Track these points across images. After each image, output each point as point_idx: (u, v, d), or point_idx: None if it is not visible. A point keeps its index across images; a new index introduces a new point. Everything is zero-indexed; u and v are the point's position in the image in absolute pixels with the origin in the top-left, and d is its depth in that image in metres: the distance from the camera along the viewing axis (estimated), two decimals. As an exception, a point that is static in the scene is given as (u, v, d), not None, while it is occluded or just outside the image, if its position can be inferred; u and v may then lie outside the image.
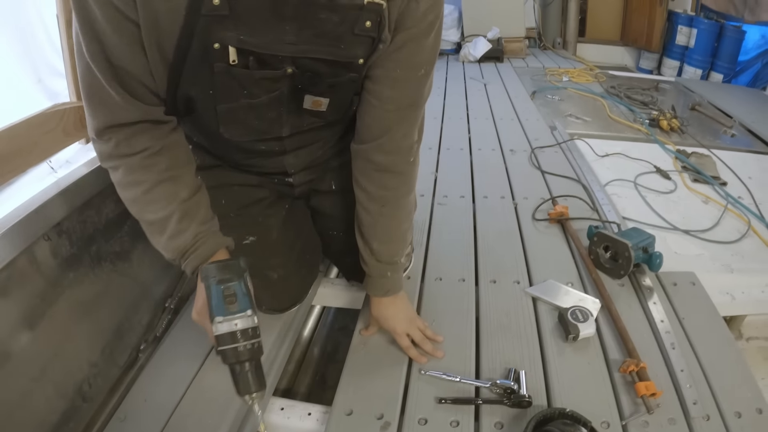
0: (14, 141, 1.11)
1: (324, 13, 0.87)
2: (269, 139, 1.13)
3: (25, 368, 1.06)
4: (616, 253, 1.55)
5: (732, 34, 5.30)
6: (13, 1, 1.15)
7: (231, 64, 0.89)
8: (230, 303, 0.86)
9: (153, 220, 0.98)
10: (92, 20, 0.81)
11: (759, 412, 1.16)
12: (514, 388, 1.14)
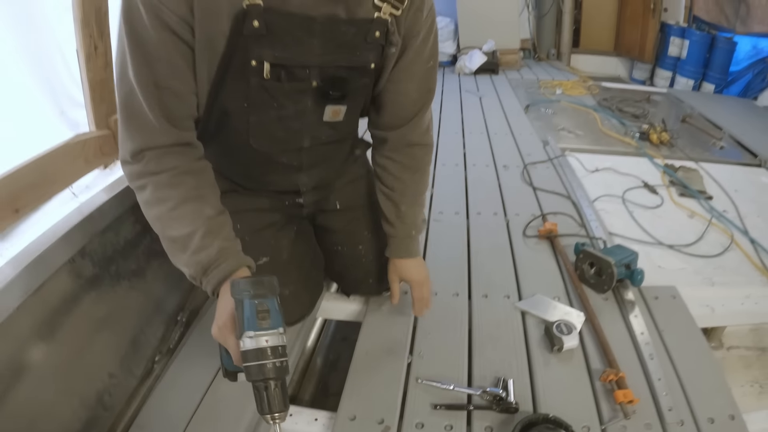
0: (41, 171, 1.22)
1: (345, 26, 1.06)
2: (290, 150, 1.26)
3: (53, 380, 1.16)
4: (600, 269, 1.67)
5: (723, 45, 5.44)
6: (36, 39, 1.25)
7: (265, 78, 1.04)
8: (263, 319, 0.85)
9: (176, 236, 1.01)
10: (145, 45, 0.92)
11: (731, 418, 1.27)
12: (503, 395, 1.25)
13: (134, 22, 0.92)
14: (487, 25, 5.57)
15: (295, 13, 0.99)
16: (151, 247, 1.52)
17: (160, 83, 0.96)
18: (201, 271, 1.00)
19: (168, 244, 1.03)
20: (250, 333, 0.84)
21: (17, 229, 1.19)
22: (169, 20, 0.92)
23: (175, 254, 1.03)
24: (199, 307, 1.71)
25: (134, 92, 0.96)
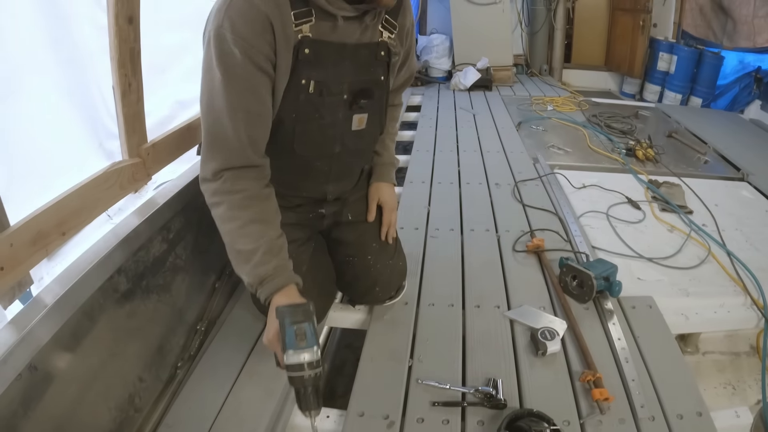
0: (84, 197, 1.41)
1: (363, 50, 1.39)
2: (324, 156, 1.50)
3: (93, 384, 1.33)
4: (581, 281, 1.86)
5: (711, 60, 5.68)
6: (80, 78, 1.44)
7: (310, 93, 1.32)
8: (300, 340, 1.10)
9: (242, 250, 1.24)
10: (238, 79, 1.19)
11: (699, 414, 1.45)
12: (493, 393, 1.44)
13: (228, 62, 1.18)
14: (481, 43, 5.79)
15: (333, 42, 1.31)
16: (175, 263, 1.71)
17: (250, 109, 1.24)
18: (258, 281, 1.24)
19: (234, 255, 1.27)
20: (290, 351, 1.10)
21: (62, 250, 1.36)
22: (258, 59, 1.20)
23: (239, 264, 1.26)
24: (215, 318, 1.88)
25: (222, 119, 1.20)
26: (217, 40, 1.16)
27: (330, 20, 1.29)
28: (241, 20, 1.16)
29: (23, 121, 1.24)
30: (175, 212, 1.70)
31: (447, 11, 5.86)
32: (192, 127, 1.95)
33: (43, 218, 1.25)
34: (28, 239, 1.20)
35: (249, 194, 1.26)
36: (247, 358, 1.63)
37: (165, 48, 1.77)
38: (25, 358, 1.11)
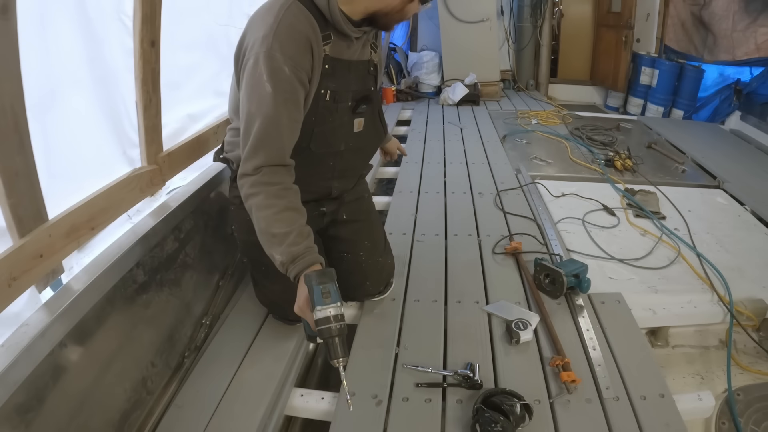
0: (109, 198, 1.61)
1: (360, 66, 1.68)
2: (333, 153, 1.74)
3: (112, 366, 1.52)
4: (553, 279, 2.07)
5: (692, 74, 5.97)
6: (108, 94, 1.64)
7: (326, 101, 1.59)
8: (326, 297, 1.29)
9: (277, 233, 1.40)
10: (286, 92, 1.43)
11: (661, 396, 1.64)
12: (470, 375, 1.64)
13: (278, 77, 1.41)
14: (469, 59, 6.06)
15: (344, 59, 1.60)
16: (185, 261, 1.90)
17: (292, 117, 1.47)
18: (291, 260, 1.40)
19: (268, 238, 1.42)
20: (319, 307, 1.29)
21: (89, 244, 1.56)
22: (301, 75, 1.45)
23: (273, 246, 1.42)
24: (219, 313, 2.08)
25: (269, 125, 1.42)
26: (268, 59, 1.39)
27: (345, 41, 1.57)
28: (288, 42, 1.41)
29: (63, 130, 1.44)
30: (186, 215, 1.91)
31: (437, 29, 6.14)
32: (201, 138, 2.17)
33: (77, 214, 1.45)
34: (63, 232, 1.40)
35: (284, 186, 1.46)
36: (249, 347, 1.82)
37: (179, 67, 1.97)
38: (58, 336, 1.30)
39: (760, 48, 5.01)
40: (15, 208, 1.25)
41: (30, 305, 1.34)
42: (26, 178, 1.27)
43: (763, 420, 1.77)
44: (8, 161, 1.20)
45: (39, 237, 1.31)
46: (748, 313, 2.16)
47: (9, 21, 1.14)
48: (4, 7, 1.11)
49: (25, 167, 1.25)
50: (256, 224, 1.44)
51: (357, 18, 1.54)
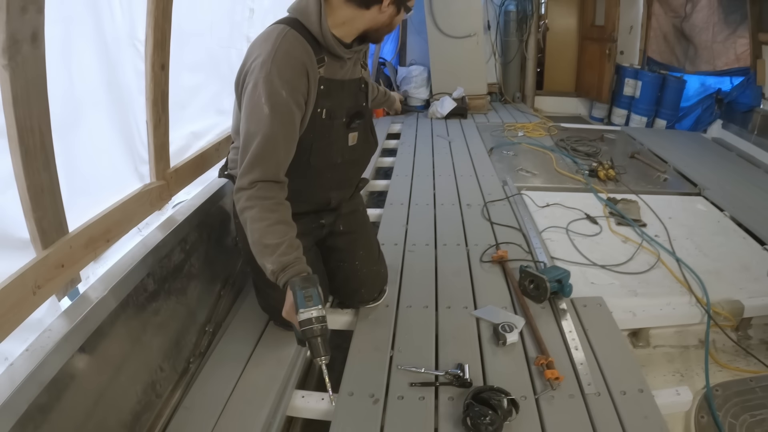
0: (123, 212, 1.73)
1: (353, 84, 1.83)
2: (330, 166, 1.86)
3: (125, 369, 1.62)
4: (537, 284, 2.21)
5: (674, 84, 6.21)
6: (122, 115, 1.76)
7: (323, 118, 1.72)
8: (308, 300, 1.42)
9: (269, 243, 1.51)
10: (283, 114, 1.55)
11: (640, 391, 1.77)
12: (461, 374, 1.77)
13: (275, 100, 1.54)
14: (457, 73, 6.25)
15: (337, 79, 1.74)
16: (190, 271, 2.02)
17: (287, 137, 1.61)
18: (281, 268, 1.51)
19: (261, 248, 1.53)
20: (302, 310, 1.42)
21: (104, 255, 1.68)
22: (297, 97, 1.59)
23: (265, 255, 1.53)
24: (221, 321, 2.19)
25: (265, 144, 1.55)
26: (267, 83, 1.52)
27: (338, 62, 1.72)
28: (285, 68, 1.55)
29: (82, 148, 1.56)
30: (192, 227, 2.03)
31: (425, 44, 6.33)
32: (205, 155, 2.31)
33: (94, 227, 1.57)
34: (82, 243, 1.51)
35: (277, 201, 1.58)
36: (252, 351, 1.94)
37: (184, 88, 2.10)
38: (79, 341, 1.41)
39: (740, 58, 5.23)
40: (40, 222, 1.36)
41: (51, 312, 1.45)
42: (50, 194, 1.38)
43: (740, 413, 1.89)
44: (35, 178, 1.32)
45: (61, 248, 1.43)
46: (726, 313, 2.30)
47: (38, 48, 1.26)
48: (34, 36, 1.23)
49: (49, 183, 1.37)
50: (250, 235, 1.56)
51: (349, 40, 1.70)
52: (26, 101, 1.24)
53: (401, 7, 1.67)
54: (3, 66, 1.17)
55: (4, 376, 1.23)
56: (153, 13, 1.72)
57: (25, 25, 1.19)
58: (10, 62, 1.17)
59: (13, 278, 1.28)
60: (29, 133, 1.27)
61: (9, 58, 1.16)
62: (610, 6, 6.58)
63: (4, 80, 1.19)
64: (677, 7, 6.08)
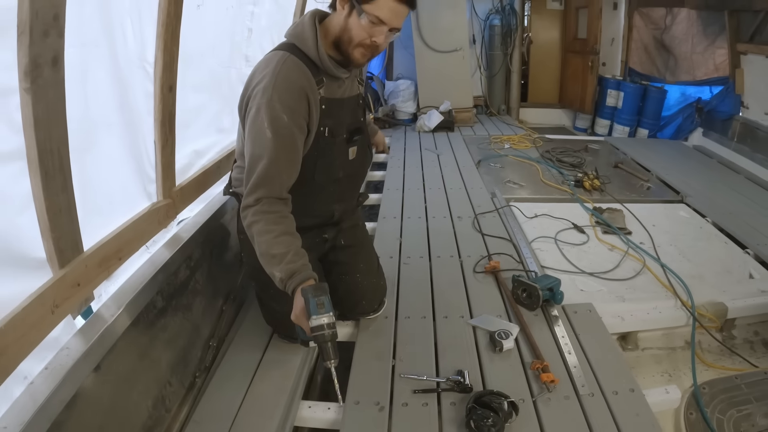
0: (134, 230, 1.81)
1: (352, 101, 1.95)
2: (333, 180, 1.96)
3: (137, 384, 1.69)
4: (530, 293, 2.31)
5: (655, 94, 6.42)
6: (133, 136, 1.84)
7: (325, 136, 1.82)
8: (320, 308, 1.53)
9: (276, 253, 1.62)
10: (285, 137, 1.66)
11: (631, 390, 1.87)
12: (461, 380, 1.85)
13: (277, 124, 1.64)
14: (443, 87, 6.40)
15: (337, 98, 1.85)
16: (195, 287, 2.09)
17: (290, 158, 1.72)
18: (288, 275, 1.62)
19: (269, 258, 1.64)
20: (314, 317, 1.53)
21: (115, 273, 1.74)
22: (299, 121, 1.70)
23: (273, 265, 1.63)
24: (224, 336, 2.26)
25: (269, 165, 1.65)
26: (268, 109, 1.62)
27: (336, 82, 1.83)
28: (286, 93, 1.65)
29: (97, 169, 1.63)
30: (197, 244, 2.11)
31: (412, 58, 6.48)
32: (207, 173, 2.39)
33: (107, 246, 1.64)
34: (96, 262, 1.58)
35: (281, 215, 1.69)
36: (258, 364, 2.00)
37: (188, 107, 2.18)
38: (96, 358, 1.48)
39: (719, 68, 5.41)
40: (57, 242, 1.42)
41: (66, 330, 1.51)
42: (68, 214, 1.45)
43: (727, 409, 2.01)
44: (53, 199, 1.38)
45: (77, 267, 1.50)
46: (710, 315, 2.42)
47: (58, 72, 1.32)
48: (55, 60, 1.29)
49: (67, 204, 1.44)
50: (258, 248, 1.66)
51: (340, 59, 1.79)
52: (46, 124, 1.30)
53: (353, 7, 1.64)
54: (25, 89, 1.23)
55: (26, 395, 1.29)
56: (162, 36, 1.81)
57: (47, 49, 1.25)
58: (32, 85, 1.22)
59: (32, 298, 1.34)
60: (49, 156, 1.33)
61: (31, 81, 1.22)
62: (592, 19, 6.78)
63: (26, 103, 1.24)
64: (657, 20, 6.29)
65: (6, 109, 1.24)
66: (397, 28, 1.68)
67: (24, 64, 1.20)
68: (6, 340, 1.24)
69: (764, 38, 4.66)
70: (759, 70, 4.81)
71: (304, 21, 1.75)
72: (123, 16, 1.67)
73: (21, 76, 1.21)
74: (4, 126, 1.25)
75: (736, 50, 5.03)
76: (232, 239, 2.51)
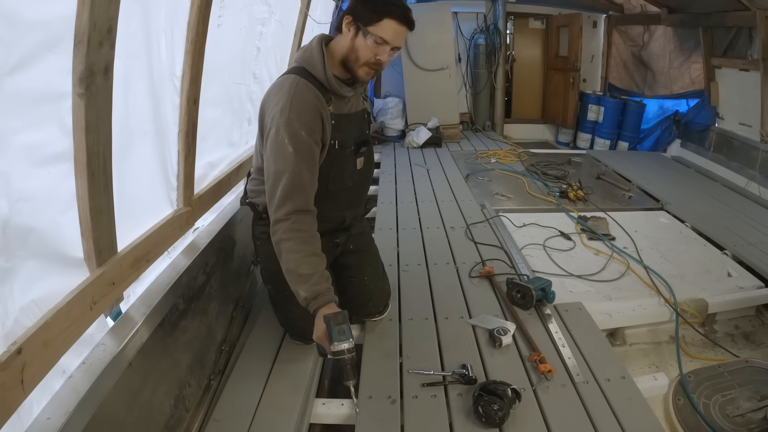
0: (160, 235, 1.93)
1: (358, 116, 2.13)
2: (344, 189, 2.13)
3: (161, 383, 1.80)
4: (524, 294, 2.49)
5: (634, 108, 6.69)
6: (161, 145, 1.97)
7: (336, 148, 1.99)
8: (341, 335, 1.70)
9: (303, 273, 1.78)
10: (304, 152, 1.81)
11: (622, 377, 2.05)
12: (466, 373, 2.01)
13: (297, 140, 1.80)
14: (431, 104, 6.61)
15: (344, 113, 2.02)
16: (210, 292, 2.22)
17: (311, 170, 1.88)
18: (314, 296, 1.78)
19: (295, 276, 1.79)
20: (336, 343, 1.70)
21: (142, 276, 1.86)
22: (315, 136, 1.86)
23: (299, 282, 1.79)
24: (235, 340, 2.39)
25: (294, 178, 1.80)
26: (288, 127, 1.78)
27: (343, 99, 2.01)
28: (302, 112, 1.82)
29: (132, 174, 1.75)
30: (212, 251, 2.25)
31: (400, 76, 6.67)
32: (221, 183, 2.55)
33: (139, 248, 1.76)
34: (129, 263, 1.71)
35: (310, 234, 1.84)
36: (272, 365, 2.13)
37: (206, 121, 2.31)
38: (129, 356, 1.59)
39: (695, 82, 5.71)
40: (97, 241, 1.53)
41: (99, 328, 1.61)
42: (107, 215, 1.56)
43: (713, 395, 2.19)
44: (96, 200, 1.49)
45: (113, 267, 1.61)
46: (692, 310, 2.62)
47: (108, 80, 1.44)
48: (106, 69, 1.41)
49: (107, 205, 1.55)
50: (285, 263, 1.81)
51: (346, 77, 1.96)
52: (96, 128, 1.42)
53: (359, 30, 1.81)
54: (79, 95, 1.34)
55: (67, 388, 1.39)
56: (191, 52, 1.97)
57: (101, 59, 1.37)
58: (86, 91, 1.34)
59: (74, 294, 1.44)
60: (95, 158, 1.44)
61: (85, 87, 1.33)
62: (573, 37, 7.05)
63: (79, 108, 1.35)
64: (635, 37, 6.59)
65: (58, 112, 1.34)
66: (399, 47, 1.87)
67: (79, 71, 1.31)
68: (51, 333, 1.33)
69: (737, 52, 4.96)
70: (732, 82, 5.10)
71: (312, 46, 1.93)
72: (159, 32, 1.81)
73: (75, 82, 1.32)
74: (56, 128, 1.34)
75: (711, 64, 5.32)
76: (240, 248, 2.64)
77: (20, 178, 1.25)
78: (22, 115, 1.23)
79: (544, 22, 7.71)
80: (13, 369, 1.17)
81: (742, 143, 4.91)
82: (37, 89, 1.26)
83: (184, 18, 1.94)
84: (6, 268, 1.23)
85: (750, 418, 2.05)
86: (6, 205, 1.20)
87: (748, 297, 2.80)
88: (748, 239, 3.45)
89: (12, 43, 1.15)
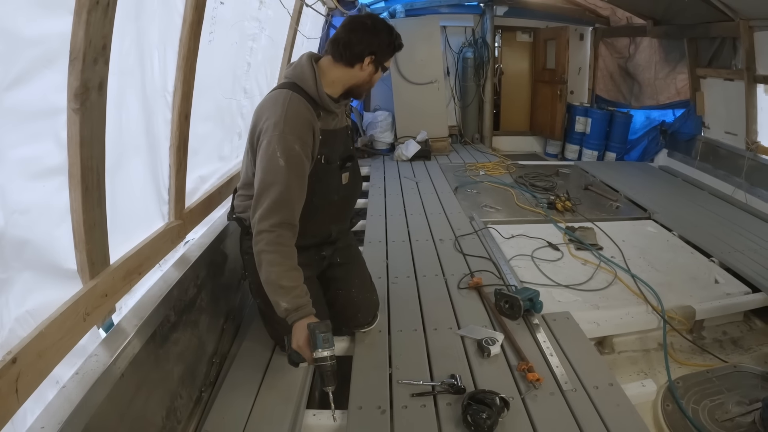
0: (152, 248, 1.97)
1: (342, 132, 2.21)
2: (329, 203, 2.17)
3: (152, 394, 1.82)
4: (512, 304, 2.54)
5: (621, 119, 6.83)
6: (153, 159, 2.00)
7: (322, 163, 2.04)
8: (325, 342, 1.76)
9: (285, 286, 1.84)
10: (297, 166, 1.87)
11: (610, 385, 2.10)
12: (455, 383, 2.05)
13: (290, 153, 1.86)
14: (420, 117, 6.70)
15: (331, 129, 2.09)
16: (201, 305, 2.25)
17: (301, 185, 1.94)
18: (294, 308, 1.84)
19: (276, 288, 1.84)
20: (320, 350, 1.77)
21: (134, 288, 1.89)
22: (307, 150, 1.92)
23: (280, 294, 1.85)
24: (226, 353, 2.42)
25: (284, 191, 1.85)
26: (281, 140, 1.84)
27: (330, 116, 2.08)
28: (296, 126, 1.88)
29: (124, 188, 1.79)
30: (203, 264, 2.28)
31: (389, 90, 6.76)
32: (211, 197, 2.59)
33: (131, 261, 1.80)
34: (121, 275, 1.74)
35: (291, 248, 1.90)
36: (263, 377, 2.17)
37: (197, 136, 2.35)
38: (121, 367, 1.62)
39: (680, 92, 5.85)
40: (90, 254, 1.57)
41: (92, 339, 1.64)
42: (100, 228, 1.60)
43: (701, 400, 2.24)
44: (90, 213, 1.52)
45: (105, 279, 1.65)
46: (680, 317, 2.69)
47: (102, 96, 1.48)
48: (101, 85, 1.45)
49: (100, 218, 1.59)
50: (266, 274, 1.86)
51: (337, 95, 2.05)
52: (90, 143, 1.46)
53: (379, 66, 2.04)
54: (74, 110, 1.38)
55: (60, 398, 1.41)
56: (183, 68, 2.02)
57: (95, 75, 1.41)
58: (81, 107, 1.38)
59: (68, 305, 1.47)
60: (89, 172, 1.48)
61: (80, 103, 1.38)
62: (560, 50, 7.19)
63: (74, 123, 1.39)
64: (622, 49, 6.72)
65: (54, 127, 1.38)
66: None
67: (75, 87, 1.36)
68: (45, 343, 1.36)
69: (721, 62, 5.09)
70: (717, 92, 5.24)
71: (302, 63, 2.00)
72: (152, 49, 1.86)
73: (70, 98, 1.37)
74: (51, 142, 1.39)
75: (696, 75, 5.46)
76: (231, 261, 2.67)
77: (16, 191, 1.28)
78: (19, 130, 1.27)
79: (532, 35, 7.87)
80: (8, 378, 1.20)
81: (728, 151, 5.03)
82: (34, 104, 1.30)
83: (177, 35, 2.00)
84: (2, 279, 1.25)
85: (739, 422, 2.11)
86: (2, 218, 1.23)
87: (734, 303, 2.88)
88: (734, 246, 3.54)
89: (10, 60, 1.19)
